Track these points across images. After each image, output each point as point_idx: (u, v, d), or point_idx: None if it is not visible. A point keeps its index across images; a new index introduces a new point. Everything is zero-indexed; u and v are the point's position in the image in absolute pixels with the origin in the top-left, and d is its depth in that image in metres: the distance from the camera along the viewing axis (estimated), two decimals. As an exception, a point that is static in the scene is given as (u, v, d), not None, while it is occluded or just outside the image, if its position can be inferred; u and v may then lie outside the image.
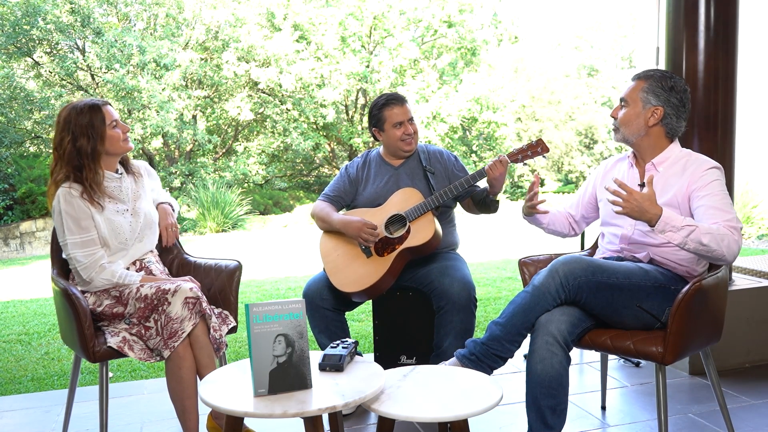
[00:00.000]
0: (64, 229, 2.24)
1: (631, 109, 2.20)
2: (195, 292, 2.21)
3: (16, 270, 8.42)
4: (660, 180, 2.16)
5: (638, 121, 2.18)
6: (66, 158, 2.26)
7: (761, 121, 8.41)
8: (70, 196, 2.24)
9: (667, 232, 1.90)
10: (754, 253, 7.09)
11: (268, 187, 17.00)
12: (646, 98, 2.17)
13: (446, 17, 15.52)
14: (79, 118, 2.25)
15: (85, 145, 2.25)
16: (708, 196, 2.04)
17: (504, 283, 5.77)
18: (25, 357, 3.89)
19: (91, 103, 2.29)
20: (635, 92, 2.20)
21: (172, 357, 2.16)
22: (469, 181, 2.59)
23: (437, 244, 2.58)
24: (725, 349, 2.96)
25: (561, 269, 2.03)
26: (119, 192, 2.37)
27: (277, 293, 5.66)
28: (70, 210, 2.23)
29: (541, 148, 2.54)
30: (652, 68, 2.27)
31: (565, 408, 1.96)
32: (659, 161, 2.19)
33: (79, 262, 2.23)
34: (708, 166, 2.10)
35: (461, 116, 15.44)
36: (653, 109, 2.16)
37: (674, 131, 2.20)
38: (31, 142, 13.83)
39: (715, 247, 1.89)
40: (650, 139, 2.20)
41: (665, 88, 2.16)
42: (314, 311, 2.62)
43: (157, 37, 14.56)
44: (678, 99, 2.16)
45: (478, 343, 2.06)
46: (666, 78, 2.18)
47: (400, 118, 2.69)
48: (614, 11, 28.16)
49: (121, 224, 2.33)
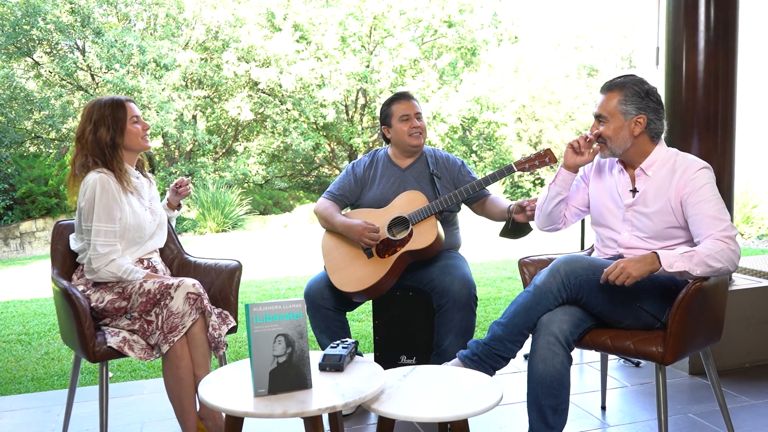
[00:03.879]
0: (93, 214, 2.26)
1: (613, 123, 2.13)
2: (197, 288, 2.23)
3: (16, 270, 8.41)
4: (652, 185, 2.14)
5: (623, 134, 2.13)
6: (88, 147, 2.33)
7: (761, 121, 8.41)
8: (107, 183, 2.27)
9: (674, 265, 1.91)
10: (754, 253, 7.09)
11: (268, 187, 16.99)
12: (626, 110, 2.11)
13: (446, 17, 15.50)
14: (101, 110, 2.34)
15: (104, 135, 2.32)
16: (701, 203, 2.02)
17: (504, 283, 5.77)
18: (25, 357, 3.89)
19: (115, 97, 2.39)
20: (612, 106, 2.13)
21: (169, 356, 2.17)
22: (474, 187, 2.59)
23: (439, 249, 2.58)
24: (725, 349, 2.96)
25: (562, 268, 2.03)
26: (141, 188, 2.45)
27: (277, 293, 5.66)
28: (105, 197, 2.26)
29: (549, 158, 2.54)
30: (619, 76, 2.19)
31: (566, 408, 1.96)
32: (648, 165, 2.16)
33: (96, 251, 2.25)
34: (697, 168, 2.07)
35: (461, 116, 15.42)
36: (636, 118, 2.11)
37: (658, 133, 2.17)
38: (31, 142, 13.82)
39: (719, 265, 1.92)
40: (636, 147, 2.16)
41: (641, 95, 2.11)
42: (315, 311, 2.62)
43: (157, 37, 14.56)
44: (655, 101, 2.13)
45: (480, 344, 2.06)
46: (639, 83, 2.13)
47: (406, 112, 2.71)
48: (614, 11, 28.18)
49: (144, 219, 2.39)
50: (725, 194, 2.96)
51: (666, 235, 2.13)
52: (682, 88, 2.94)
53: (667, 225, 2.12)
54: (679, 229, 2.11)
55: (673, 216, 2.10)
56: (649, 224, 2.14)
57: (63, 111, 13.73)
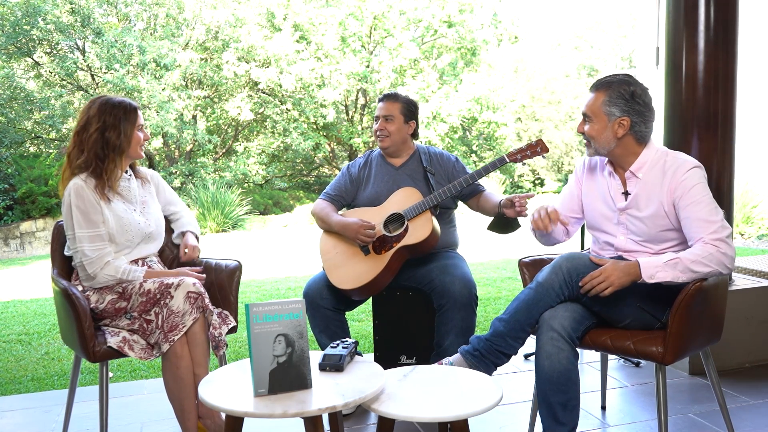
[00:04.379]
0: (73, 222, 2.24)
1: (597, 124, 2.13)
2: (198, 287, 2.22)
3: (16, 270, 8.41)
4: (643, 188, 2.11)
5: (606, 135, 2.12)
6: (90, 145, 2.28)
7: (761, 121, 8.40)
8: (81, 189, 2.25)
9: (656, 276, 1.93)
10: (754, 253, 7.09)
11: (268, 187, 16.99)
12: (610, 111, 2.10)
13: (446, 17, 15.51)
14: (114, 110, 2.30)
15: (113, 139, 2.29)
16: (691, 206, 2.00)
17: (504, 283, 5.77)
18: (25, 357, 3.89)
19: (128, 102, 2.35)
20: (597, 106, 2.12)
21: (169, 355, 2.17)
22: (468, 180, 2.60)
23: (435, 243, 2.59)
24: (725, 349, 2.96)
25: (564, 265, 2.03)
26: (128, 192, 2.40)
27: (277, 293, 5.66)
28: (80, 203, 2.24)
29: (540, 148, 2.55)
30: (609, 75, 2.16)
31: (576, 404, 1.93)
32: (637, 168, 2.13)
33: (86, 256, 2.24)
34: (687, 168, 2.05)
35: (461, 116, 15.43)
36: (619, 120, 2.09)
37: (644, 136, 2.12)
38: (31, 142, 13.83)
39: (706, 269, 1.92)
40: (623, 149, 2.14)
41: (626, 97, 2.08)
42: (314, 311, 2.62)
43: (157, 37, 14.56)
44: (641, 104, 2.09)
45: (482, 339, 2.06)
46: (625, 85, 2.09)
47: (376, 113, 2.79)
48: (614, 11, 28.18)
49: (130, 222, 2.34)
50: (725, 194, 2.96)
51: (661, 238, 2.12)
52: (682, 88, 2.94)
53: (661, 228, 2.10)
54: (674, 231, 2.10)
55: (667, 219, 2.08)
56: (644, 228, 2.13)
57: (63, 111, 13.74)
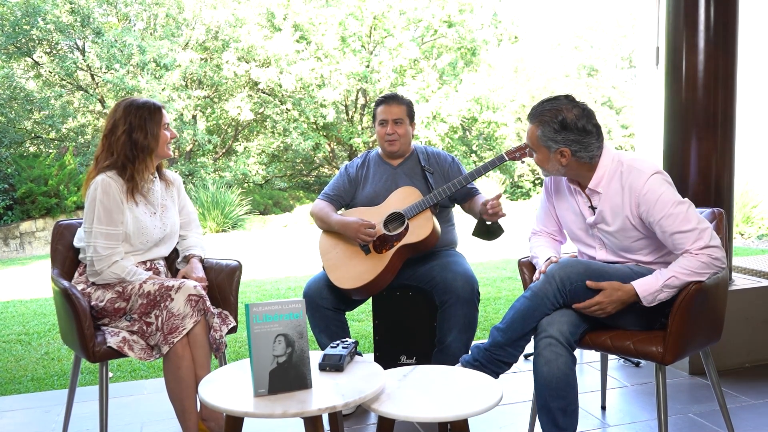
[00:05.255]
0: (93, 217, 2.25)
1: (539, 154, 2.11)
2: (198, 290, 2.22)
3: (16, 270, 8.41)
4: (607, 202, 2.09)
5: (552, 164, 2.10)
6: (119, 148, 2.30)
7: (761, 121, 8.40)
8: (109, 186, 2.26)
9: (657, 299, 1.96)
10: (754, 253, 7.09)
11: (268, 187, 16.99)
12: (546, 144, 2.07)
13: (446, 17, 15.50)
14: (139, 111, 2.33)
15: (141, 139, 2.31)
16: (663, 220, 1.96)
17: (504, 283, 5.77)
18: (25, 357, 3.89)
19: (152, 102, 2.37)
20: (534, 139, 2.10)
21: (170, 356, 2.17)
22: (467, 178, 2.60)
23: (435, 241, 2.59)
24: (725, 349, 2.96)
25: (557, 274, 2.03)
26: (151, 194, 2.42)
27: (277, 293, 5.66)
28: (105, 200, 2.25)
29: None
30: (540, 103, 2.11)
31: (575, 408, 1.94)
32: (596, 184, 2.09)
33: (97, 253, 2.24)
34: (644, 180, 1.99)
35: (461, 116, 15.42)
36: (559, 150, 2.06)
37: (591, 158, 2.06)
38: (31, 142, 13.82)
39: (699, 278, 1.94)
40: (574, 172, 2.11)
41: (557, 130, 2.03)
42: (314, 311, 2.62)
43: (157, 37, 14.56)
44: (576, 130, 2.02)
45: (481, 349, 2.07)
46: (554, 114, 2.03)
47: (383, 116, 2.76)
48: (614, 11, 28.17)
49: (147, 226, 2.36)
50: (725, 194, 2.96)
51: (636, 248, 2.11)
52: (682, 88, 2.94)
53: (633, 240, 2.10)
54: (647, 239, 2.09)
55: (636, 231, 2.07)
56: (616, 241, 2.13)
57: (63, 111, 13.74)
